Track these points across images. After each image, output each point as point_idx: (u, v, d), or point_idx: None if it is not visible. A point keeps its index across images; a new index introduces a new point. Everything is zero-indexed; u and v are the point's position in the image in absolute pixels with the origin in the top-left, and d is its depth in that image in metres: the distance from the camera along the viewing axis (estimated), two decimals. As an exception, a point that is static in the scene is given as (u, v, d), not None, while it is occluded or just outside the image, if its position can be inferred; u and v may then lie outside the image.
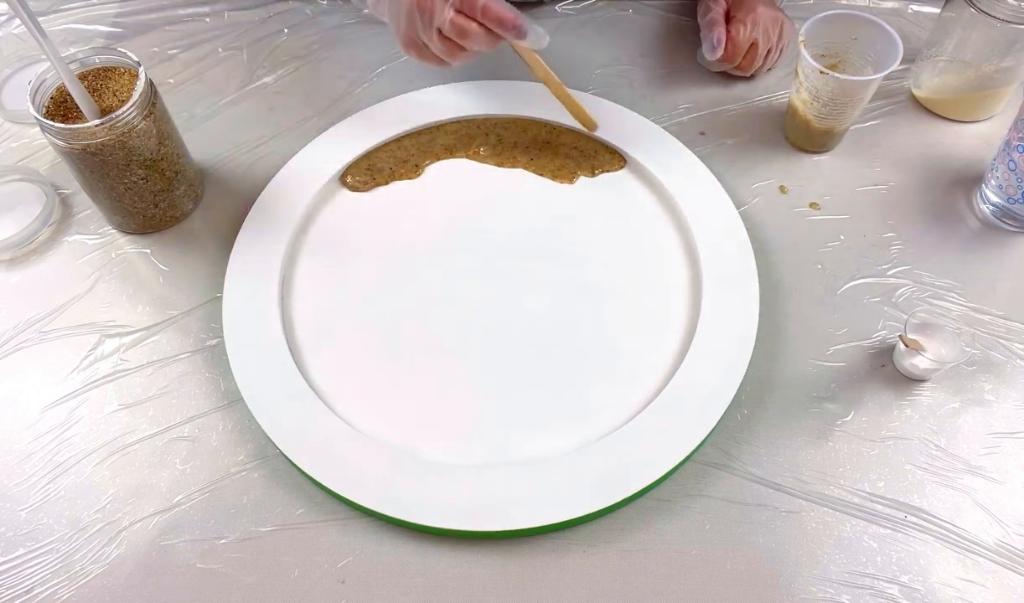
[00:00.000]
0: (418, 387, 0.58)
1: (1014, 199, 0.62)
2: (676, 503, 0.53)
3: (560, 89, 0.67)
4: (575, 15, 0.80)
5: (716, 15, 0.71)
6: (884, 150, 0.69)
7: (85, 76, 0.61)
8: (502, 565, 0.51)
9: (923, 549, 0.51)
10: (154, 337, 0.61)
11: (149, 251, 0.65)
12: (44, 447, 0.56)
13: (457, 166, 0.69)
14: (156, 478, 0.55)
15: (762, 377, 0.58)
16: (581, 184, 0.68)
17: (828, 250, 0.64)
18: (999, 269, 0.62)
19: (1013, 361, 0.58)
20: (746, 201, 0.67)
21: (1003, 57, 0.65)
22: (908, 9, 0.79)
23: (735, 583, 0.50)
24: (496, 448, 0.55)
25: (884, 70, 0.62)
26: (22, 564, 0.52)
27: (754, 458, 0.55)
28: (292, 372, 0.57)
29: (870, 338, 0.59)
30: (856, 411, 0.56)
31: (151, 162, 0.61)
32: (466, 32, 0.57)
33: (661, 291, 0.62)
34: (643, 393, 0.57)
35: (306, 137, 0.70)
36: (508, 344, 0.59)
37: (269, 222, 0.65)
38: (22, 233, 0.65)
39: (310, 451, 0.54)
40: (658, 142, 0.69)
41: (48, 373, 0.60)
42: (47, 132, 0.58)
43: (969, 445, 0.55)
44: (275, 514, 0.53)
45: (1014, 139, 0.60)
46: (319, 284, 0.63)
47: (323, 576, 0.51)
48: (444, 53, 0.59)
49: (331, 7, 0.81)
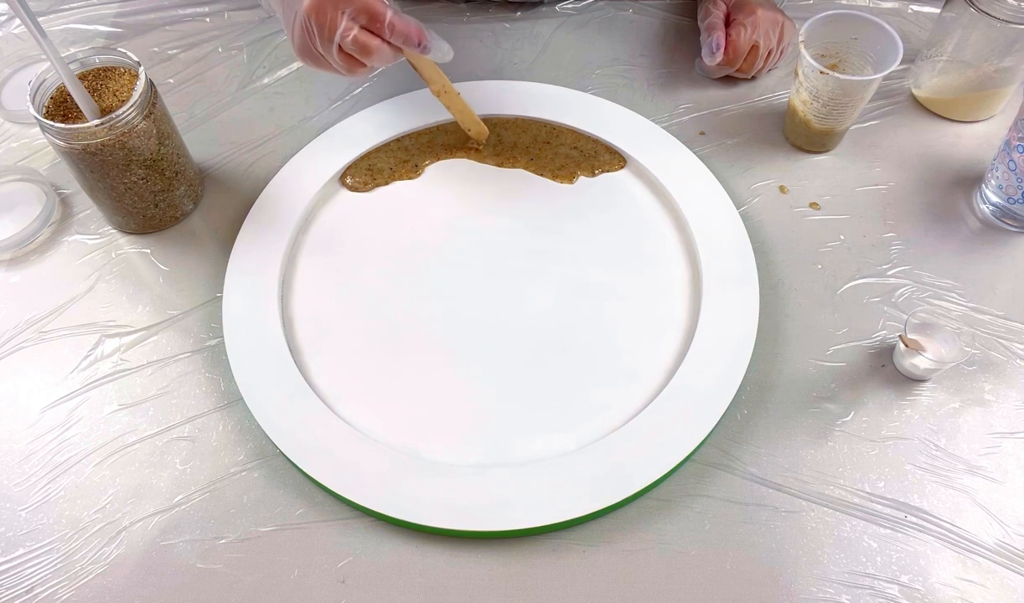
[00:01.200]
0: (418, 387, 0.58)
1: (1014, 199, 0.62)
2: (676, 503, 0.53)
3: (457, 100, 0.66)
4: (575, 15, 0.80)
5: (716, 19, 0.71)
6: (884, 150, 0.69)
7: (85, 76, 0.61)
8: (502, 565, 0.51)
9: (923, 549, 0.51)
10: (154, 337, 0.61)
11: (149, 251, 0.66)
12: (44, 447, 0.56)
13: (457, 166, 0.69)
14: (156, 478, 0.55)
15: (762, 377, 0.58)
16: (581, 184, 0.68)
17: (828, 250, 0.64)
18: (999, 269, 0.62)
19: (1013, 361, 0.58)
20: (746, 201, 0.67)
21: (1003, 57, 0.65)
22: (908, 9, 0.79)
23: (735, 583, 0.50)
24: (496, 448, 0.55)
25: (884, 70, 0.62)
26: (22, 564, 0.52)
27: (754, 458, 0.55)
28: (292, 372, 0.57)
29: (870, 338, 0.59)
30: (856, 411, 0.56)
31: (151, 162, 0.61)
32: (369, 49, 0.55)
33: (661, 291, 0.62)
34: (643, 393, 0.57)
35: (306, 137, 0.70)
36: (508, 344, 0.59)
37: (269, 222, 0.65)
38: (22, 233, 0.65)
39: (310, 451, 0.54)
40: (658, 142, 0.69)
41: (48, 373, 0.60)
42: (47, 132, 0.58)
43: (969, 445, 0.55)
44: (275, 514, 0.53)
45: (1014, 139, 0.60)
46: (319, 284, 0.63)
47: (323, 576, 0.51)
48: (343, 67, 0.57)
49: (331, 7, 0.81)
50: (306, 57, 0.58)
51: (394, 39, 0.56)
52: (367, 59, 0.56)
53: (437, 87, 0.64)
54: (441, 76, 0.64)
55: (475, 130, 0.68)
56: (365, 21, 0.55)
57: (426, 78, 0.63)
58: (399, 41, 0.56)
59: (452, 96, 0.65)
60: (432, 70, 0.63)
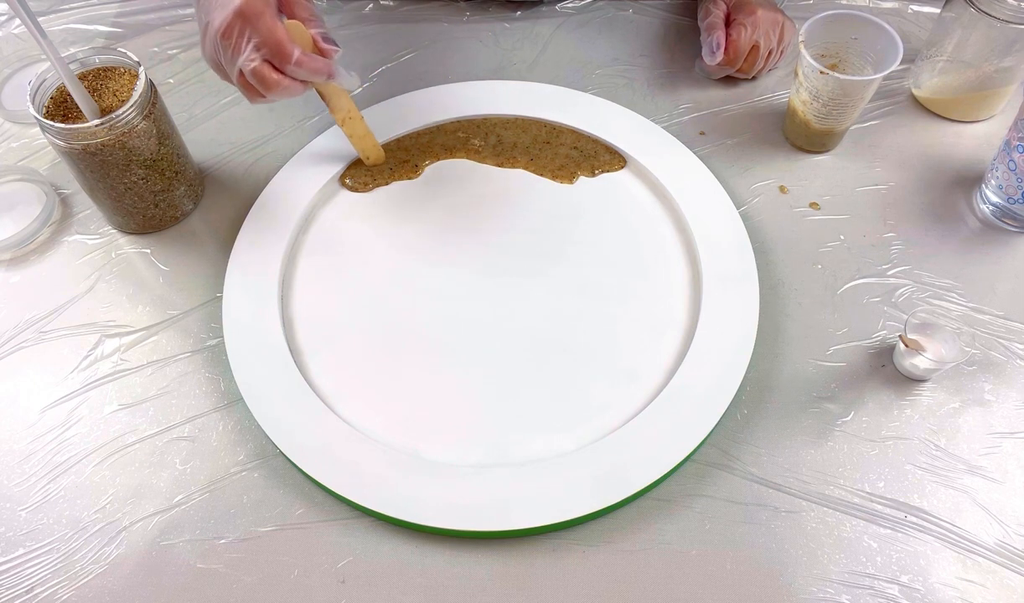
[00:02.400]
0: (418, 387, 0.58)
1: (1014, 199, 0.62)
2: (676, 503, 0.53)
3: (359, 125, 0.64)
4: (575, 15, 0.80)
5: (716, 19, 0.71)
6: (884, 150, 0.69)
7: (85, 76, 0.61)
8: (502, 565, 0.51)
9: (923, 549, 0.51)
10: (154, 337, 0.61)
11: (149, 251, 0.66)
12: (44, 447, 0.56)
13: (457, 166, 0.69)
14: (156, 478, 0.55)
15: (762, 377, 0.58)
16: (581, 184, 0.68)
17: (828, 250, 0.64)
18: (999, 269, 0.62)
19: (1013, 361, 0.58)
20: (746, 201, 0.67)
21: (1003, 57, 0.65)
22: (908, 9, 0.79)
23: (735, 583, 0.50)
24: (496, 448, 0.55)
25: (884, 70, 0.62)
26: (22, 564, 0.52)
27: (754, 458, 0.55)
28: (292, 372, 0.57)
29: (870, 338, 0.59)
30: (856, 411, 0.56)
31: (151, 162, 0.61)
32: (269, 83, 0.53)
33: (661, 291, 0.62)
34: (643, 393, 0.57)
35: (306, 137, 0.70)
36: (508, 344, 0.59)
37: (269, 222, 0.65)
38: (22, 233, 0.65)
39: (310, 451, 0.54)
40: (658, 142, 0.69)
41: (48, 373, 0.60)
42: (47, 132, 0.58)
43: (969, 445, 0.55)
44: (275, 514, 0.53)
45: (1014, 139, 0.60)
46: (319, 284, 0.63)
47: (323, 576, 0.51)
48: (243, 92, 0.56)
49: (331, 7, 0.81)
50: (213, 66, 0.56)
51: (299, 75, 0.54)
52: (267, 92, 0.54)
53: (342, 115, 0.63)
54: (348, 102, 0.62)
55: (373, 156, 0.67)
56: (269, 55, 0.53)
57: (332, 106, 0.62)
58: (307, 77, 0.55)
59: (356, 122, 0.64)
60: (338, 96, 0.61)
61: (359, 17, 0.80)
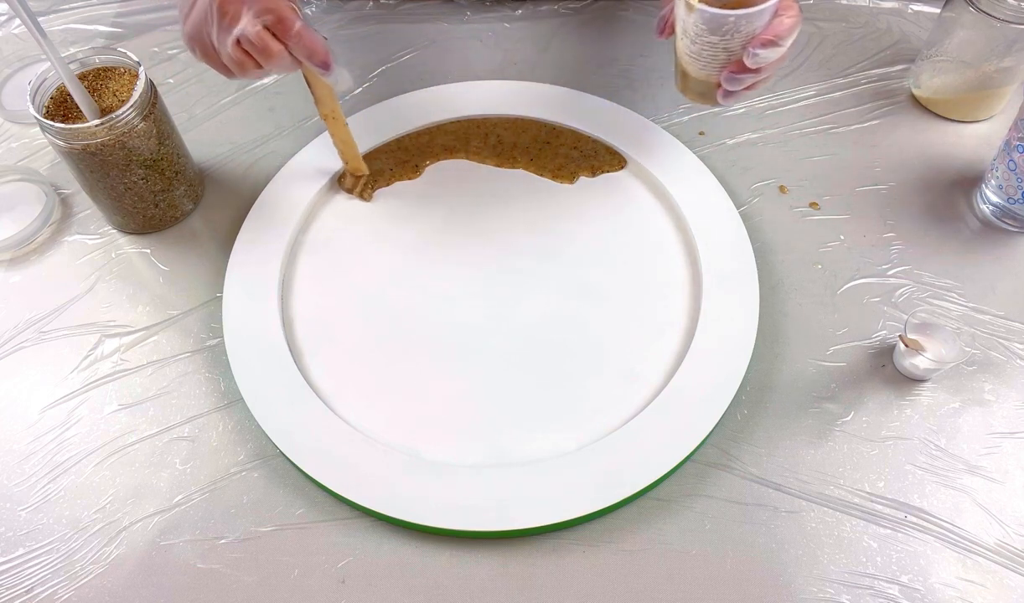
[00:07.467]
0: (418, 387, 0.58)
1: (1014, 199, 0.62)
2: (676, 503, 0.53)
3: (343, 129, 0.63)
4: (575, 15, 0.80)
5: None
6: (884, 150, 0.69)
7: (85, 76, 0.61)
8: (502, 565, 0.51)
9: (923, 549, 0.51)
10: (154, 337, 0.61)
11: (149, 251, 0.66)
12: (44, 447, 0.56)
13: (457, 166, 0.69)
14: (156, 478, 0.55)
15: (762, 377, 0.58)
16: (581, 184, 0.68)
17: (828, 250, 0.64)
18: (999, 269, 0.62)
19: (1013, 361, 0.58)
20: (746, 201, 0.67)
21: (1003, 57, 0.65)
22: (908, 9, 0.79)
23: (735, 583, 0.50)
24: (496, 448, 0.55)
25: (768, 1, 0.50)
26: (22, 564, 0.52)
27: (754, 458, 0.55)
28: (292, 372, 0.57)
29: (870, 338, 0.59)
30: (856, 411, 0.56)
31: (151, 162, 0.61)
32: (269, 52, 0.52)
33: (661, 291, 0.62)
34: (643, 393, 0.57)
35: (306, 137, 0.70)
36: (508, 344, 0.59)
37: (269, 222, 0.65)
38: (22, 233, 0.65)
39: (310, 451, 0.54)
40: (658, 142, 0.69)
41: (48, 373, 0.60)
42: (47, 132, 0.58)
43: (969, 445, 0.55)
44: (275, 514, 0.53)
45: (1014, 139, 0.60)
46: (319, 284, 0.63)
47: (323, 576, 0.51)
48: (234, 64, 0.54)
49: (331, 7, 0.81)
50: (195, 43, 0.55)
51: (298, 50, 0.53)
52: (264, 61, 0.53)
53: (326, 110, 0.62)
54: (334, 100, 0.61)
55: (353, 164, 0.66)
56: (271, 23, 0.52)
57: (317, 98, 0.61)
58: (303, 54, 0.53)
59: (339, 124, 0.63)
60: (326, 92, 0.61)
61: (359, 17, 0.80)
